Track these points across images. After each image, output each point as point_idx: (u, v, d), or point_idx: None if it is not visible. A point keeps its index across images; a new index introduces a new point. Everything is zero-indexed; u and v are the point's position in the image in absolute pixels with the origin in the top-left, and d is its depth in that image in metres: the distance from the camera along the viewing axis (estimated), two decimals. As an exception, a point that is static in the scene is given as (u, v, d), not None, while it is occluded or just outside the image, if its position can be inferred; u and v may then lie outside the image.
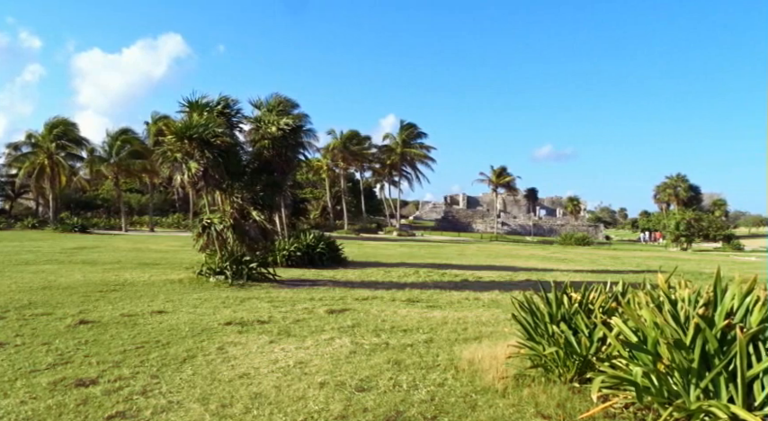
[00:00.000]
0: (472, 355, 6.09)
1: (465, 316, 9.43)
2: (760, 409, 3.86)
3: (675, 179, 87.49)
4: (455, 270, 19.99)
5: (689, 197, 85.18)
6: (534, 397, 4.71)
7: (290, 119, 15.29)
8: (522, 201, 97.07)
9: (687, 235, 63.88)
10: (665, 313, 4.59)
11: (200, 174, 13.18)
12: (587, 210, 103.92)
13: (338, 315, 9.05)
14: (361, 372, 5.49)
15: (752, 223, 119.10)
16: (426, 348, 6.71)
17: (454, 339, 7.32)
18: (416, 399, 4.67)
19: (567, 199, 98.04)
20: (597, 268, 24.12)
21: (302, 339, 7.11)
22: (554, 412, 4.39)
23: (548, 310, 5.93)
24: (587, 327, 5.47)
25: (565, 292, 6.14)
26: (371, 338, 7.23)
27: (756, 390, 3.93)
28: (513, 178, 79.53)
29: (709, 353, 4.11)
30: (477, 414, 4.33)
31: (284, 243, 19.49)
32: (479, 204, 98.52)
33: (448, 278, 17.12)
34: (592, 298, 6.02)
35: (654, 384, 4.31)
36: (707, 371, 4.08)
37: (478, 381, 5.20)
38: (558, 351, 5.28)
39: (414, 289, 13.48)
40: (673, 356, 4.23)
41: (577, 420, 4.24)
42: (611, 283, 6.35)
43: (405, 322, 8.57)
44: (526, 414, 4.35)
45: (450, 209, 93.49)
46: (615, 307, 5.59)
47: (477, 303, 11.43)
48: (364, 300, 11.05)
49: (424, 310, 9.99)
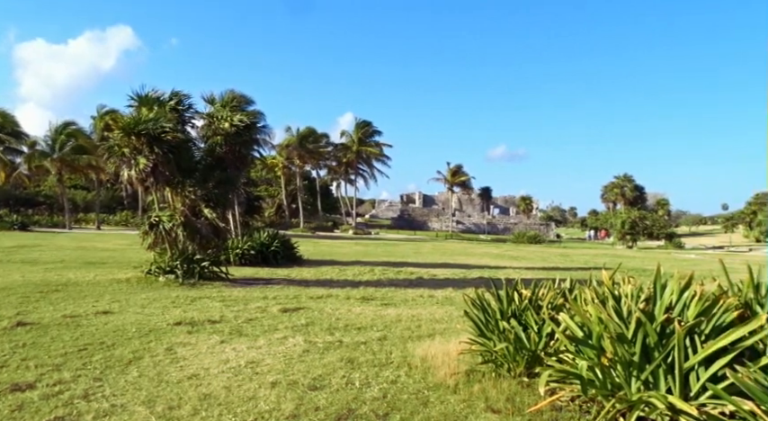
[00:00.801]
0: (425, 352, 6.14)
1: (419, 313, 9.51)
2: (695, 399, 4.05)
3: (622, 179, 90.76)
4: (410, 268, 20.13)
5: (634, 197, 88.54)
6: (485, 392, 4.79)
7: (244, 115, 15.07)
8: (476, 200, 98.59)
9: (632, 233, 66.44)
10: (609, 308, 4.75)
11: (150, 170, 12.79)
12: (539, 208, 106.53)
13: (292, 314, 8.96)
14: (314, 371, 5.46)
15: (692, 222, 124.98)
16: (380, 346, 6.72)
17: (408, 336, 7.36)
18: (369, 397, 4.67)
19: (520, 198, 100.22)
20: (548, 265, 24.77)
21: (254, 338, 7.00)
22: (503, 406, 4.47)
23: (499, 307, 6.05)
24: (536, 323, 5.61)
25: (515, 289, 6.28)
26: (325, 337, 7.20)
27: (692, 381, 4.12)
28: (468, 177, 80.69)
29: (650, 346, 4.27)
30: (429, 410, 4.37)
31: (238, 241, 19.15)
32: (435, 203, 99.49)
33: (403, 276, 17.23)
34: (541, 294, 6.18)
35: (598, 377, 4.46)
36: (647, 364, 4.25)
37: (431, 378, 5.25)
38: (508, 346, 5.39)
39: (369, 287, 13.49)
40: (616, 350, 4.38)
41: (526, 414, 4.34)
42: (559, 280, 6.52)
43: (359, 320, 8.57)
44: (476, 409, 4.42)
45: (407, 207, 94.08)
46: (563, 303, 5.76)
47: (432, 301, 11.54)
48: (319, 299, 10.99)
49: (379, 308, 10.01)
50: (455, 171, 78.43)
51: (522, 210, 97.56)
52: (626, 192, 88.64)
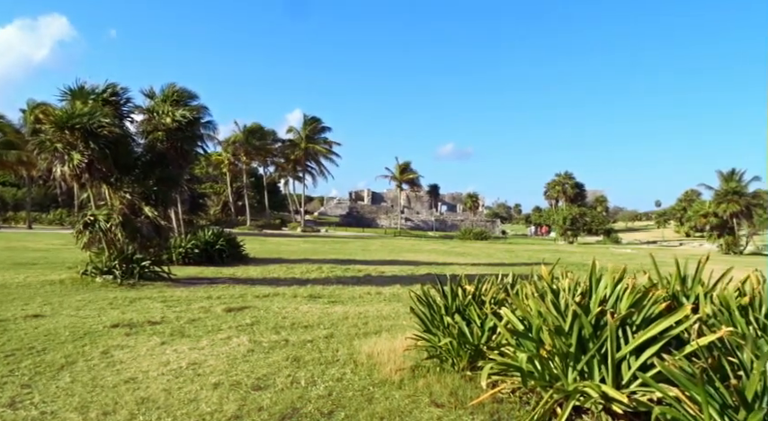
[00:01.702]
0: (371, 349, 6.16)
1: (366, 310, 9.53)
2: (626, 387, 4.25)
3: (563, 177, 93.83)
4: (358, 265, 20.15)
5: (575, 194, 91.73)
6: (429, 386, 4.85)
7: (186, 110, 14.62)
8: (424, 198, 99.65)
9: (573, 229, 68.90)
10: (548, 302, 4.91)
11: (85, 167, 12.22)
12: (485, 205, 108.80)
13: (237, 313, 8.79)
14: (259, 371, 5.37)
15: (628, 218, 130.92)
16: (326, 344, 6.69)
17: (354, 334, 7.36)
18: (314, 395, 4.64)
19: (467, 195, 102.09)
20: (493, 261, 25.36)
21: (197, 339, 6.82)
22: (447, 400, 4.55)
23: (444, 303, 6.14)
24: (480, 318, 5.73)
25: (460, 285, 6.39)
26: (271, 336, 7.10)
27: (624, 370, 4.31)
28: (416, 175, 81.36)
29: (585, 337, 4.45)
30: (374, 406, 4.38)
31: (181, 240, 18.63)
32: (384, 200, 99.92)
33: (351, 273, 17.23)
34: (484, 290, 6.31)
35: (537, 369, 4.60)
36: (583, 355, 4.42)
37: (376, 374, 5.27)
38: (452, 341, 5.48)
39: (316, 285, 13.41)
40: (554, 342, 4.54)
41: (468, 407, 4.43)
42: (501, 275, 6.68)
43: (306, 318, 8.50)
44: (421, 403, 4.48)
45: (355, 205, 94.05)
46: (505, 298, 5.91)
47: (379, 297, 11.59)
48: (265, 298, 10.83)
49: (326, 306, 9.97)
50: (403, 168, 78.94)
51: (469, 207, 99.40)
52: (567, 190, 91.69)
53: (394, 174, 79.51)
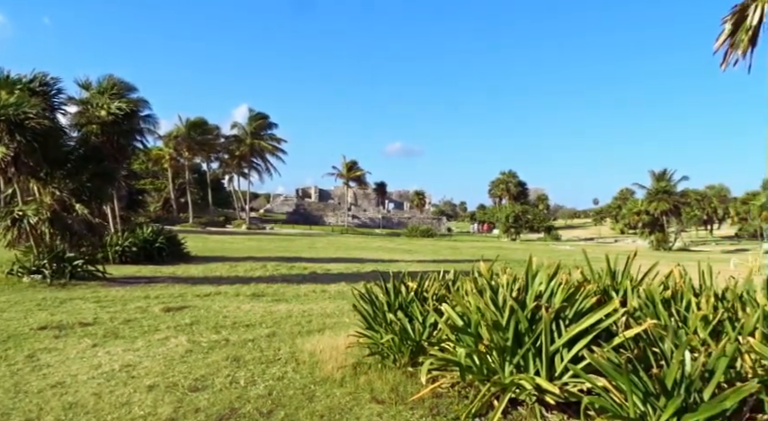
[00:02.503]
0: (314, 347, 6.13)
1: (311, 308, 9.47)
2: (559, 379, 4.41)
3: (507, 175, 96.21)
4: (304, 263, 19.96)
5: (518, 192, 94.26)
6: (370, 383, 4.87)
7: (123, 102, 14.04)
8: (372, 195, 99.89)
9: (516, 226, 70.84)
10: (486, 298, 5.02)
11: (10, 160, 11.53)
12: (432, 203, 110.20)
13: (176, 313, 8.53)
14: (197, 372, 5.24)
15: (567, 216, 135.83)
16: (268, 342, 6.60)
17: (297, 332, 7.30)
18: (253, 395, 4.57)
19: (414, 193, 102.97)
20: (438, 258, 25.72)
21: (132, 340, 6.58)
22: (388, 397, 4.58)
23: (386, 300, 6.18)
24: (422, 314, 5.80)
25: (402, 282, 6.45)
26: (211, 335, 6.94)
27: (557, 362, 4.48)
28: (363, 172, 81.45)
29: (521, 332, 4.58)
30: (314, 404, 4.36)
31: (118, 238, 17.88)
32: (331, 197, 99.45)
33: (296, 271, 17.06)
34: (426, 286, 6.40)
35: (475, 363, 4.70)
36: (519, 349, 4.55)
37: (318, 372, 5.25)
38: (394, 338, 5.53)
39: (260, 283, 13.20)
40: (492, 337, 4.65)
41: (408, 402, 4.48)
42: (443, 272, 6.78)
43: (248, 317, 8.35)
44: (362, 400, 4.49)
45: (302, 202, 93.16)
46: (446, 294, 6.01)
47: (324, 295, 11.54)
48: (206, 297, 10.57)
49: (270, 304, 9.83)
50: (350, 166, 78.82)
51: (416, 204, 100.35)
52: (510, 188, 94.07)
53: (341, 172, 79.26)
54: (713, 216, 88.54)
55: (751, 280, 5.41)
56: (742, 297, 5.05)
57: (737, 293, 5.15)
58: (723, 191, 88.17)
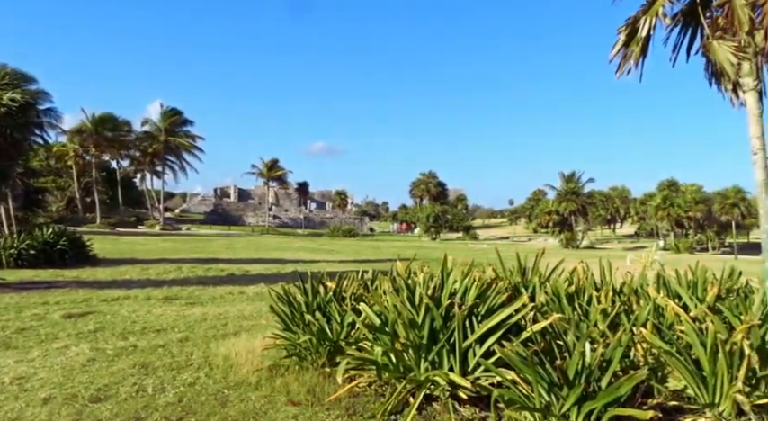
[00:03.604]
0: (229, 351, 5.95)
1: (227, 311, 9.20)
2: (472, 373, 4.55)
3: (428, 176, 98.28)
4: (222, 264, 19.35)
5: (438, 192, 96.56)
6: (287, 385, 4.80)
7: (17, 93, 12.93)
8: (293, 195, 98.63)
9: (436, 226, 72.52)
10: (403, 297, 5.09)
11: None
12: (354, 203, 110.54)
13: (78, 319, 7.98)
14: (99, 381, 4.93)
15: (485, 216, 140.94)
16: (180, 348, 6.34)
17: (212, 336, 7.06)
18: (162, 403, 4.37)
19: (336, 193, 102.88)
20: (360, 258, 25.80)
21: (26, 351, 6.08)
22: (304, 398, 4.53)
23: (304, 300, 6.11)
24: (340, 314, 5.78)
25: (321, 282, 6.41)
26: (117, 342, 6.55)
27: (470, 358, 4.62)
28: (284, 172, 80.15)
29: (436, 329, 4.68)
30: (227, 410, 4.23)
31: (12, 240, 16.47)
32: (251, 197, 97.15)
33: (213, 273, 16.50)
34: (345, 286, 6.39)
35: (392, 361, 4.75)
36: (434, 345, 4.65)
37: (233, 376, 5.10)
38: (311, 338, 5.47)
39: (174, 286, 12.64)
40: (408, 335, 4.72)
41: (325, 403, 4.45)
42: (362, 272, 6.80)
43: (159, 322, 7.98)
44: (277, 403, 4.41)
45: (221, 201, 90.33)
46: (364, 293, 6.04)
47: (242, 297, 11.24)
48: (113, 301, 9.97)
49: (183, 308, 9.44)
50: (271, 165, 77.32)
51: (338, 204, 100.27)
52: (431, 189, 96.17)
53: (262, 171, 77.57)
54: (616, 216, 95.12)
55: (645, 275, 5.86)
56: (637, 291, 5.45)
57: (633, 288, 5.56)
58: (624, 192, 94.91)
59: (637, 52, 3.37)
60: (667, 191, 70.13)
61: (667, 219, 65.42)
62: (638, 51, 3.37)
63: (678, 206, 64.24)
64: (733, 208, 60.46)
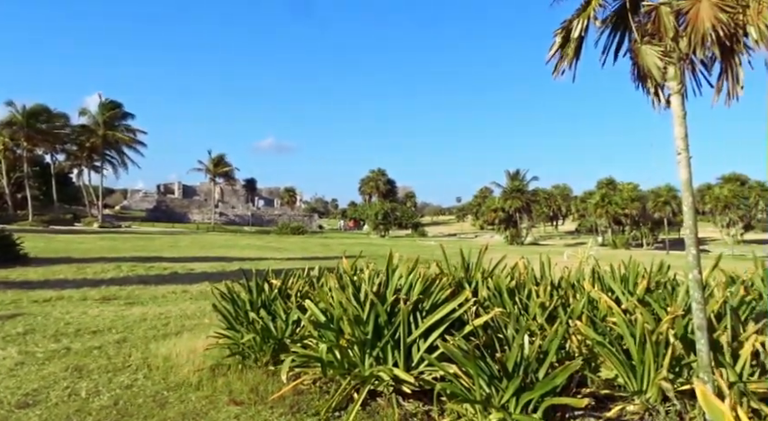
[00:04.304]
0: (169, 351, 5.79)
1: (168, 310, 8.94)
2: (416, 368, 4.61)
3: (377, 173, 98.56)
4: (164, 263, 18.75)
5: (387, 190, 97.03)
6: (229, 385, 4.72)
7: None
8: (240, 191, 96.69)
9: (385, 223, 72.88)
10: (348, 293, 5.10)
11: None
12: (304, 200, 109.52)
13: (5, 322, 7.55)
14: (28, 386, 4.69)
15: (434, 213, 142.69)
16: (117, 349, 6.11)
17: (152, 336, 6.85)
18: (96, 407, 4.20)
19: (285, 190, 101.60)
20: (308, 255, 25.60)
21: (-54, 357, 5.71)
22: (247, 397, 4.47)
23: (249, 298, 6.02)
24: (285, 312, 5.73)
25: (266, 280, 6.33)
26: (48, 345, 6.25)
27: (414, 353, 4.68)
28: (231, 168, 78.40)
29: (381, 325, 4.71)
30: (166, 411, 4.12)
31: (-67, 238, 15.42)
32: (197, 194, 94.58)
33: (155, 271, 15.98)
34: (291, 283, 6.34)
35: (337, 358, 4.75)
36: (378, 341, 4.68)
37: (172, 377, 4.96)
38: (255, 337, 5.40)
39: (112, 285, 12.16)
40: (353, 331, 4.73)
41: (269, 401, 4.40)
42: (308, 269, 6.76)
43: (95, 323, 7.66)
44: (219, 403, 4.33)
45: (164, 198, 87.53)
46: (310, 291, 6.00)
47: (185, 296, 10.95)
48: (45, 302, 9.50)
49: (122, 308, 9.11)
50: (218, 161, 75.48)
51: (287, 201, 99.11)
52: (380, 186, 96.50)
53: (208, 167, 75.61)
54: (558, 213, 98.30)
55: (581, 270, 6.09)
56: (574, 285, 5.66)
57: (570, 282, 5.77)
58: (566, 190, 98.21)
59: (570, 54, 3.51)
60: (605, 189, 73.10)
61: (605, 217, 68.20)
62: (571, 53, 3.51)
63: (615, 204, 67.06)
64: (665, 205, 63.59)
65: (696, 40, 3.05)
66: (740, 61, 3.23)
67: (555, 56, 3.62)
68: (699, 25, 2.98)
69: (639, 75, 3.56)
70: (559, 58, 3.59)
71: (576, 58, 3.54)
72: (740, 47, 3.17)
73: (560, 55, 3.58)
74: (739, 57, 3.22)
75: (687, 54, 3.34)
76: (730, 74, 3.29)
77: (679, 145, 3.38)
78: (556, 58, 3.63)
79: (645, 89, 3.56)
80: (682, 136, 3.38)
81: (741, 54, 3.21)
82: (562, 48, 3.55)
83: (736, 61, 3.23)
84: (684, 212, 3.48)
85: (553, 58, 3.63)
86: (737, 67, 3.24)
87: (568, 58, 3.52)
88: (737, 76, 3.26)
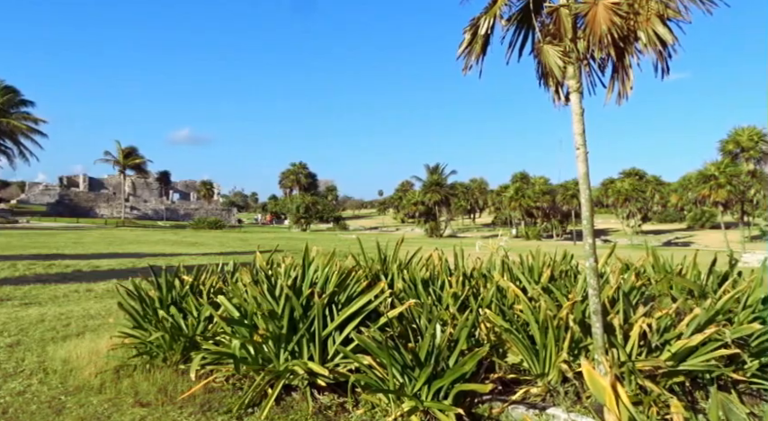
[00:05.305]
0: (69, 354, 5.43)
1: (70, 310, 8.37)
2: (332, 361, 4.61)
3: (298, 166, 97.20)
4: (67, 260, 17.54)
5: (308, 183, 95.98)
6: (135, 386, 4.50)
7: None
8: (154, 185, 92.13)
9: (306, 217, 72.17)
10: (263, 288, 5.01)
11: None
12: (222, 194, 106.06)
13: None
14: None
15: (355, 206, 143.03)
16: (9, 353, 5.64)
17: (50, 338, 6.39)
18: (-18, 417, 3.87)
19: (201, 183, 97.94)
20: (226, 250, 24.87)
21: None
22: (155, 398, 4.28)
23: (158, 295, 5.76)
24: (197, 309, 5.53)
25: (177, 276, 6.08)
26: (-73, 352, 5.67)
27: (330, 346, 4.67)
28: (143, 160, 74.42)
29: (296, 319, 4.67)
30: (63, 417, 3.86)
31: None
32: (105, 187, 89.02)
33: (56, 269, 14.91)
34: (203, 279, 6.13)
35: (251, 354, 4.66)
36: (294, 335, 4.63)
37: (72, 381, 4.66)
38: (164, 335, 5.18)
39: (6, 285, 11.22)
40: (267, 326, 4.65)
41: (178, 401, 4.24)
42: (222, 264, 6.57)
43: (-17, 326, 7.03)
44: (123, 406, 4.12)
45: (68, 192, 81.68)
46: (223, 286, 5.84)
47: (89, 295, 10.30)
48: (-76, 306, 8.60)
49: (16, 309, 8.42)
50: (128, 152, 71.42)
51: (204, 195, 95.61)
52: (301, 179, 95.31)
53: (117, 159, 71.35)
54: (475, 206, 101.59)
55: (492, 260, 6.34)
56: (485, 275, 5.88)
57: (482, 272, 5.99)
58: (483, 184, 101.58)
59: (477, 50, 3.62)
60: (519, 183, 76.40)
61: (519, 209, 71.21)
62: (478, 50, 3.63)
63: (528, 197, 70.20)
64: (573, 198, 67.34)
65: (594, 41, 3.24)
66: (630, 63, 3.48)
67: (464, 53, 3.73)
68: (596, 27, 3.18)
69: (543, 73, 3.74)
70: (468, 55, 3.71)
71: (483, 55, 3.67)
72: (632, 49, 3.42)
73: (469, 52, 3.69)
74: (630, 59, 3.47)
75: (585, 54, 3.54)
76: (622, 75, 3.53)
77: (577, 140, 3.59)
78: (465, 54, 3.74)
79: (547, 87, 3.75)
80: (579, 132, 3.60)
81: (632, 56, 3.45)
82: (470, 45, 3.66)
83: (626, 63, 3.48)
84: (582, 204, 3.71)
85: (463, 55, 3.74)
86: (628, 69, 3.49)
87: (476, 54, 3.64)
88: (628, 77, 3.51)
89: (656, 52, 3.28)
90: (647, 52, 3.41)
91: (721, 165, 49.31)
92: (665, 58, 3.34)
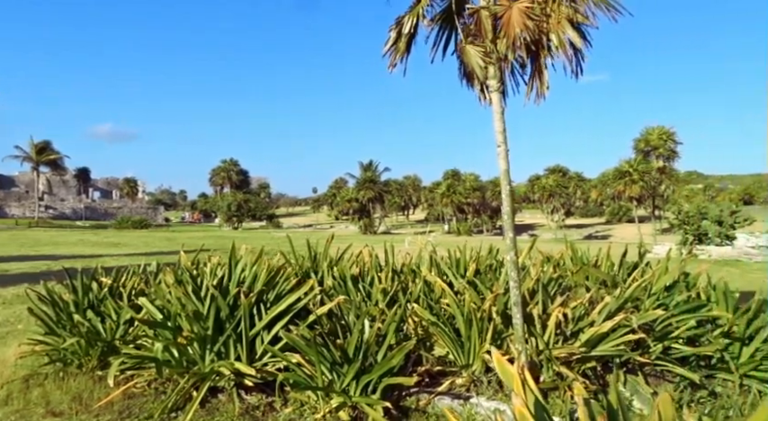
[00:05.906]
0: (-29, 364, 5.03)
1: (-26, 318, 7.76)
2: (260, 360, 4.54)
3: (229, 163, 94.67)
4: (-29, 264, 16.24)
5: (240, 180, 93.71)
6: (46, 395, 4.24)
7: None
8: (71, 182, 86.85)
9: (238, 215, 70.50)
10: (187, 288, 4.85)
11: None
12: (147, 192, 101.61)
13: None
14: None
15: (289, 204, 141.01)
16: None
17: (-51, 350, 5.89)
18: None
19: (124, 180, 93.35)
20: (151, 251, 23.86)
21: None
22: (68, 407, 4.05)
23: (73, 299, 5.45)
24: (116, 312, 5.28)
25: (94, 278, 5.79)
26: None
27: (258, 345, 4.60)
28: (59, 156, 69.87)
29: (222, 319, 4.55)
30: (-37, 434, 3.59)
31: None
32: (15, 185, 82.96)
33: (-43, 275, 13.77)
34: (124, 281, 5.86)
35: (174, 357, 4.50)
36: (220, 336, 4.52)
37: (-26, 394, 4.32)
38: (80, 341, 4.91)
39: None
40: (192, 327, 4.51)
41: (94, 409, 4.04)
42: (144, 265, 6.31)
43: None
44: (33, 417, 3.87)
45: (-27, 190, 75.54)
46: (145, 288, 5.61)
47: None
48: None
49: None
50: (42, 147, 66.80)
51: (127, 193, 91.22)
52: (232, 176, 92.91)
53: (29, 155, 66.62)
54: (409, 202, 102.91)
55: (421, 256, 6.45)
56: (414, 271, 5.98)
57: (411, 268, 6.09)
58: (416, 181, 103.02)
59: (402, 49, 3.68)
60: (451, 180, 78.04)
61: (451, 205, 72.85)
62: (402, 48, 3.68)
63: (459, 193, 71.92)
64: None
65: (508, 42, 3.37)
66: (545, 64, 3.65)
67: (389, 51, 3.77)
68: (510, 29, 3.30)
69: (465, 72, 3.85)
70: (393, 53, 3.75)
71: (408, 54, 3.73)
72: (545, 51, 3.58)
73: (394, 50, 3.74)
74: (545, 60, 3.63)
75: (505, 55, 3.67)
76: (538, 75, 3.69)
77: (498, 138, 3.72)
78: (391, 52, 3.78)
79: (470, 86, 3.86)
80: (500, 130, 3.73)
81: (546, 58, 3.62)
82: (395, 43, 3.71)
83: (542, 64, 3.64)
84: (503, 200, 3.84)
85: (388, 53, 3.79)
86: (543, 70, 3.66)
87: (400, 52, 3.69)
88: (543, 77, 3.67)
89: (566, 54, 3.45)
90: (559, 55, 3.58)
91: (634, 162, 52.53)
92: (577, 60, 3.53)
